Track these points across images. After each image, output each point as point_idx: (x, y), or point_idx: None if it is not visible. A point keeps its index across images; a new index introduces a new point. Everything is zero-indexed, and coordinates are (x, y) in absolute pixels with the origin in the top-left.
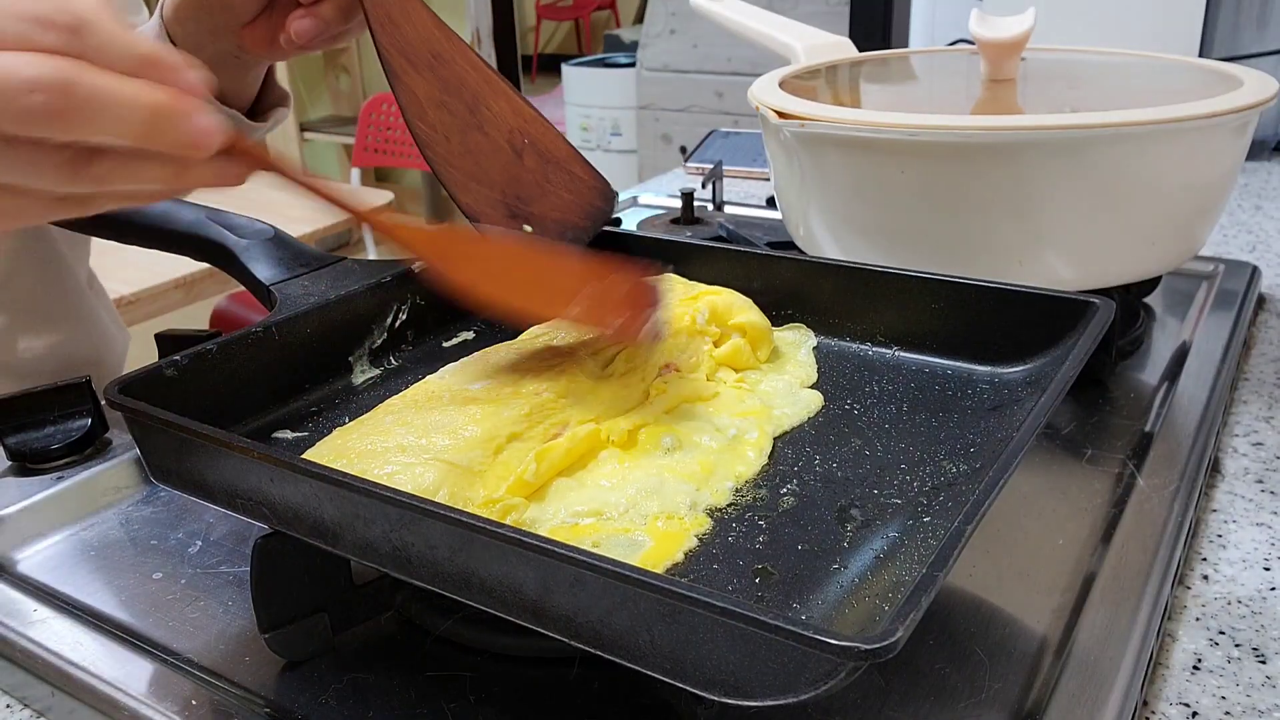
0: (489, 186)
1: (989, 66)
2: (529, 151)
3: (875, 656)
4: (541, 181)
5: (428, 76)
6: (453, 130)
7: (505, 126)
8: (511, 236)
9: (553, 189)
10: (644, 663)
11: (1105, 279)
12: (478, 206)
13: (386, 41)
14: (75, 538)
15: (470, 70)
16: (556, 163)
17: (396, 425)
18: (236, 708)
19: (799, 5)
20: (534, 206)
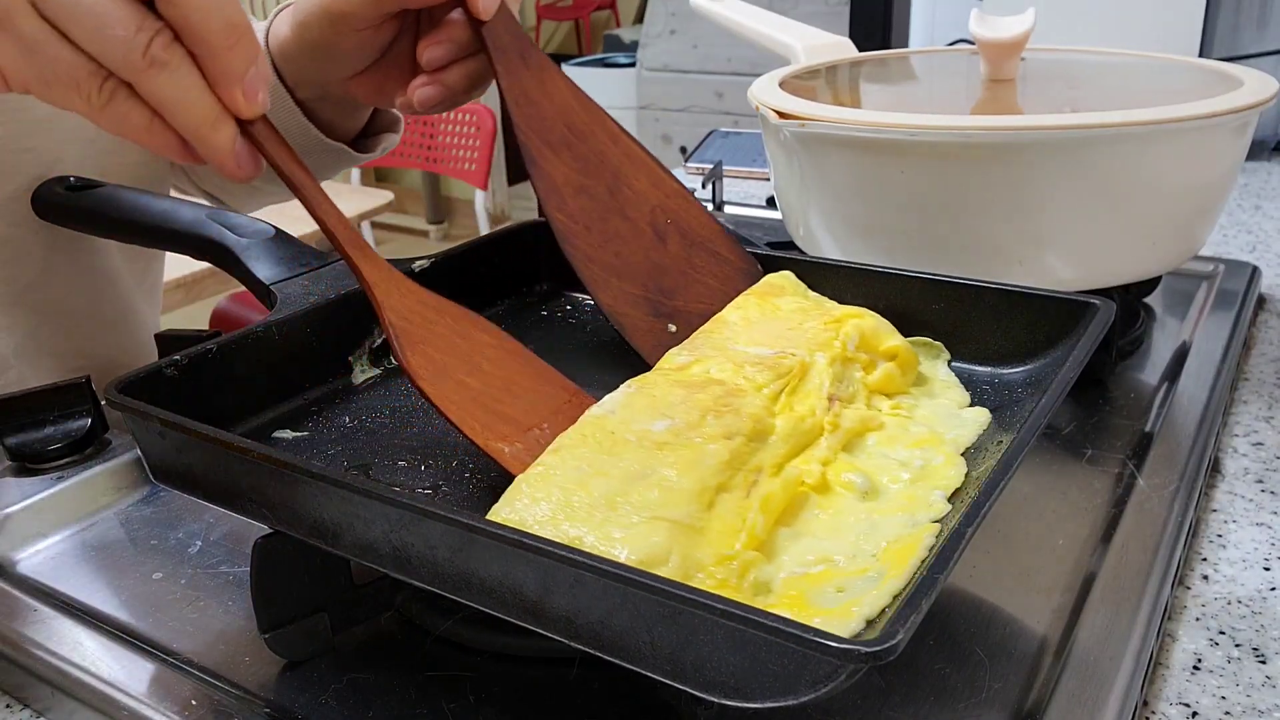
0: (631, 281)
1: (989, 66)
2: (672, 233)
3: (876, 659)
4: (686, 269)
5: (566, 158)
6: (593, 218)
7: (646, 206)
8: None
9: (698, 276)
10: (644, 664)
11: (1105, 279)
12: (619, 306)
13: (523, 123)
14: (75, 538)
15: (609, 143)
16: (701, 244)
17: (592, 475)
18: (236, 708)
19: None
20: (678, 299)
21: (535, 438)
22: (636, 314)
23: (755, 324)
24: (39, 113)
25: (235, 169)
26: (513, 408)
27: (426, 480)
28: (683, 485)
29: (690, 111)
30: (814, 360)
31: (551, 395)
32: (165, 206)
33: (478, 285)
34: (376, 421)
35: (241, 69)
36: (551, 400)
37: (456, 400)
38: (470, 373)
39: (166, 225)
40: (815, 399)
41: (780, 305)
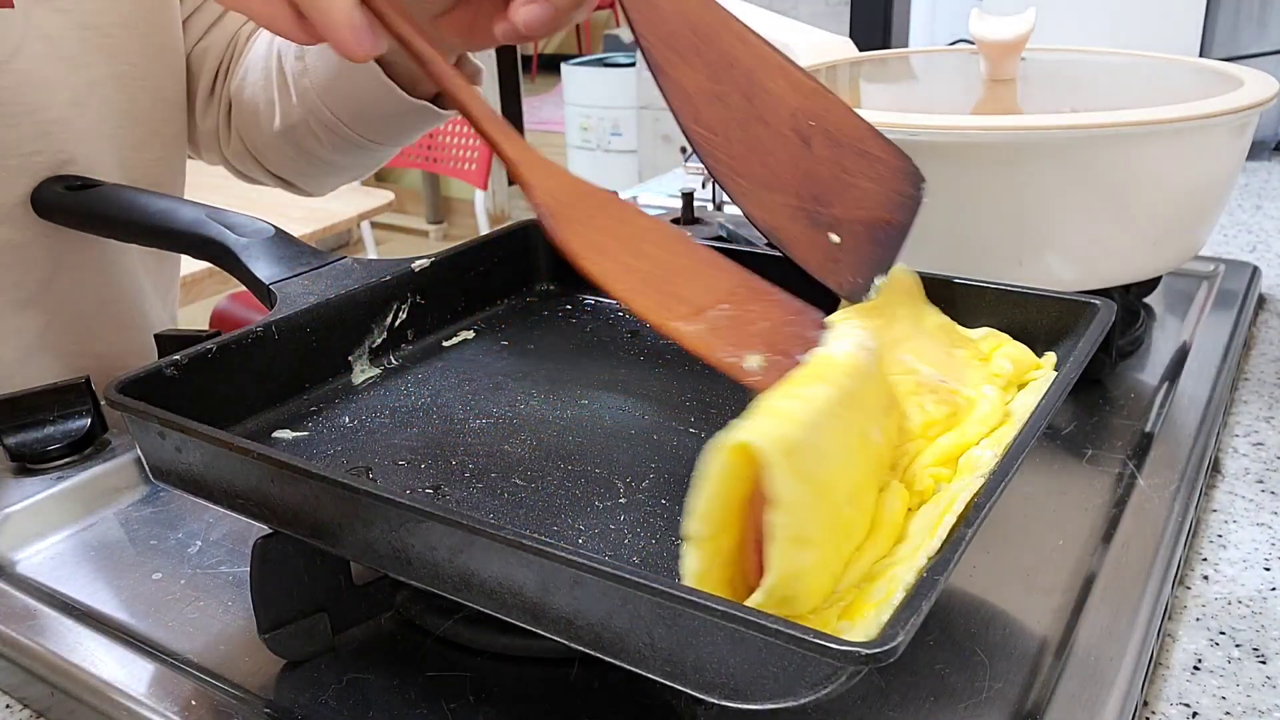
0: (782, 192)
1: (989, 66)
2: (818, 137)
3: (876, 661)
4: (839, 173)
5: (696, 64)
6: (732, 127)
7: (787, 110)
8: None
9: (853, 180)
10: (643, 665)
11: (1105, 279)
12: (774, 220)
13: (646, 30)
14: (75, 538)
15: (738, 43)
16: (850, 145)
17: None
18: (236, 708)
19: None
20: (836, 207)
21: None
22: (795, 227)
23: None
24: (53, 114)
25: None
26: (688, 288)
27: (427, 480)
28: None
29: None
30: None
31: (726, 276)
32: (164, 206)
33: (478, 285)
34: (376, 421)
35: None
36: (727, 280)
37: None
38: (635, 255)
39: (166, 224)
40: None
41: (925, 313)
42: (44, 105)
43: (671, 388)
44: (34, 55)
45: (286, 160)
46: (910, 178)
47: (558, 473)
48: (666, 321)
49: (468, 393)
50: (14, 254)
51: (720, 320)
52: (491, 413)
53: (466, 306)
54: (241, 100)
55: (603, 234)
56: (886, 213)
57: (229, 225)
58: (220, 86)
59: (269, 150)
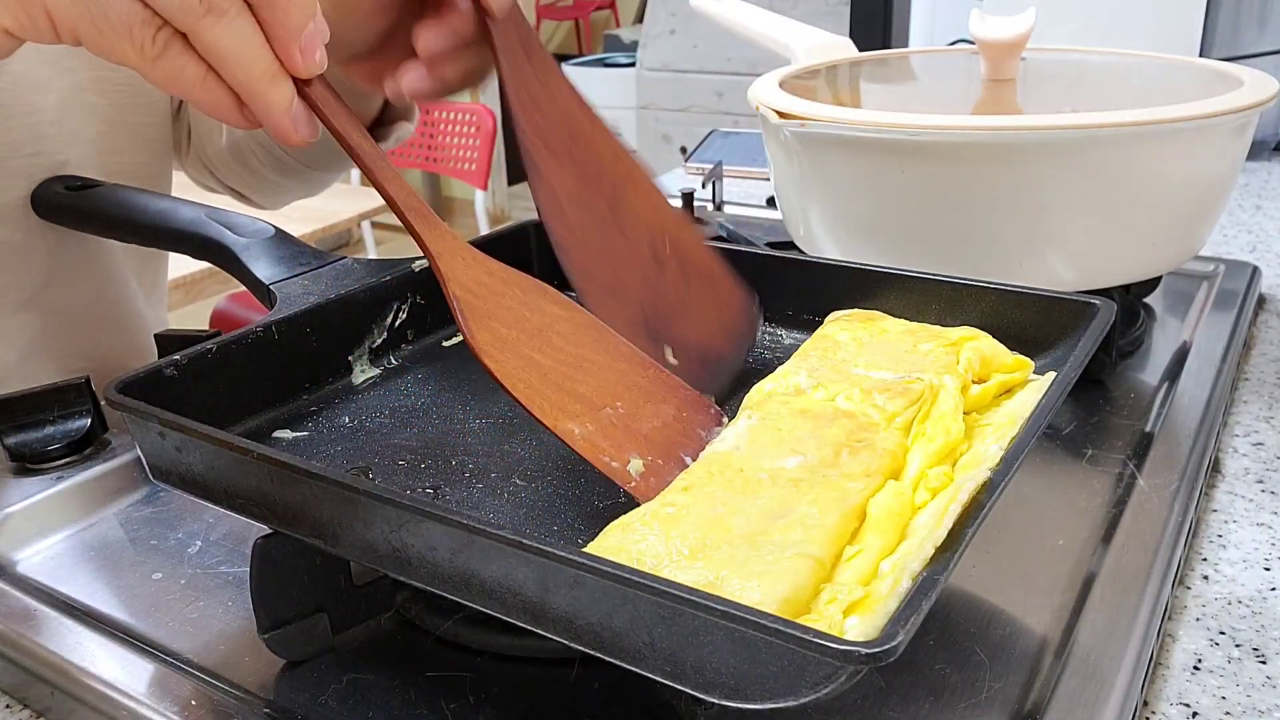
0: (627, 303)
1: (989, 66)
2: (670, 260)
3: (876, 660)
4: (684, 297)
5: (567, 166)
6: (591, 232)
7: (645, 228)
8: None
9: (695, 307)
10: (643, 665)
11: (1105, 279)
12: (615, 326)
13: (528, 127)
14: (75, 538)
15: (610, 158)
16: (698, 273)
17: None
18: (236, 708)
19: (799, 5)
20: (675, 327)
21: (608, 417)
22: (633, 335)
23: (867, 345)
24: (47, 115)
25: (291, 130)
26: (585, 385)
27: (427, 480)
28: (826, 523)
29: (690, 111)
30: (943, 384)
31: (626, 371)
32: (164, 206)
33: None
34: (376, 421)
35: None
36: (626, 376)
37: (524, 378)
38: (540, 348)
39: (166, 225)
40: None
41: (886, 327)
42: (38, 107)
43: None
44: (24, 58)
45: (235, 175)
46: (747, 316)
47: (558, 473)
48: (557, 423)
49: (468, 393)
50: (12, 255)
51: (611, 420)
52: (491, 412)
53: None
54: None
55: (512, 327)
56: (721, 344)
57: (229, 225)
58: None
59: (220, 164)
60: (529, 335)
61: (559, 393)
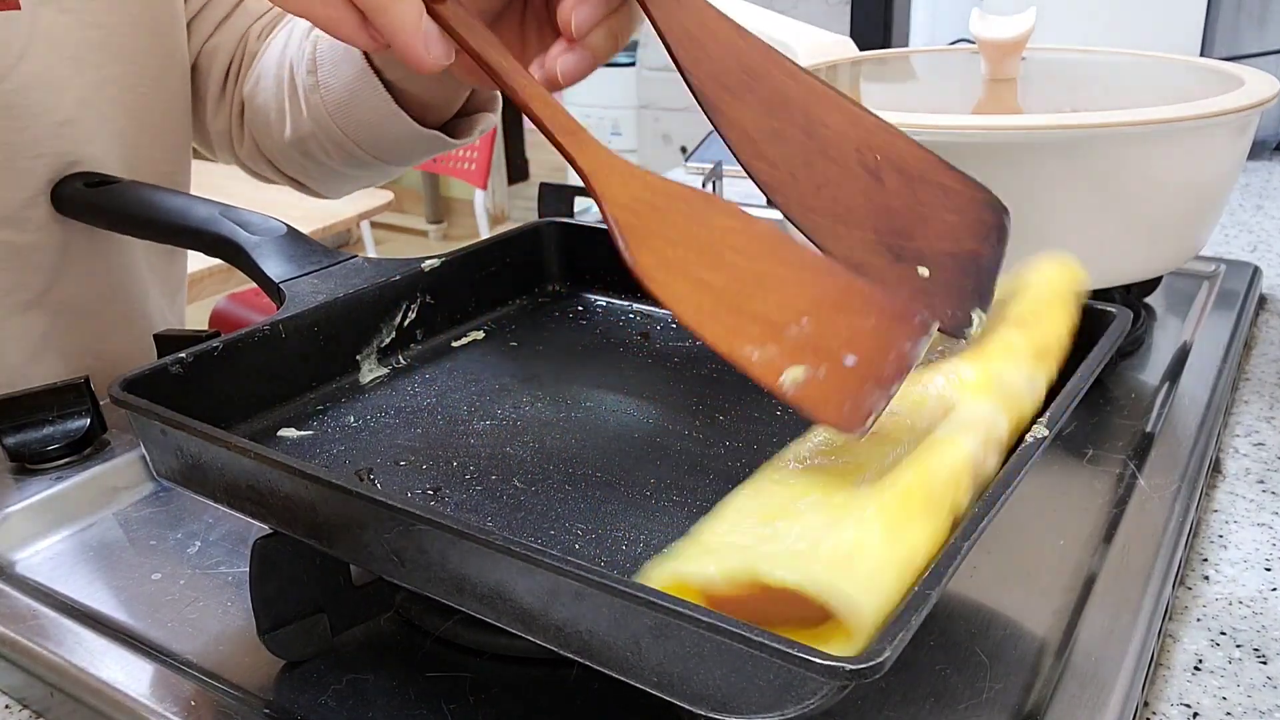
0: (859, 227)
1: (989, 66)
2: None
3: (861, 676)
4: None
5: (749, 101)
6: (797, 163)
7: (850, 144)
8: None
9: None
10: (632, 675)
11: (1106, 279)
12: (857, 256)
13: (694, 68)
14: (74, 538)
15: (789, 80)
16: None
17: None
18: (236, 708)
19: (799, 5)
20: (917, 240)
21: (793, 336)
22: (879, 262)
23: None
24: (61, 115)
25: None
26: (765, 303)
27: (427, 481)
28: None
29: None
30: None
31: (812, 283)
32: (179, 203)
33: (489, 285)
34: (381, 421)
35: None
36: (812, 288)
37: (694, 301)
38: (712, 266)
39: (180, 221)
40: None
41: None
42: (53, 107)
43: (678, 391)
44: (41, 57)
45: (298, 166)
46: (991, 207)
47: (559, 475)
48: (733, 349)
49: (474, 394)
50: (21, 255)
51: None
52: (496, 414)
53: (476, 307)
54: (254, 104)
55: (678, 245)
56: (973, 244)
57: (241, 223)
58: (231, 87)
59: (280, 155)
60: (698, 253)
61: (735, 314)
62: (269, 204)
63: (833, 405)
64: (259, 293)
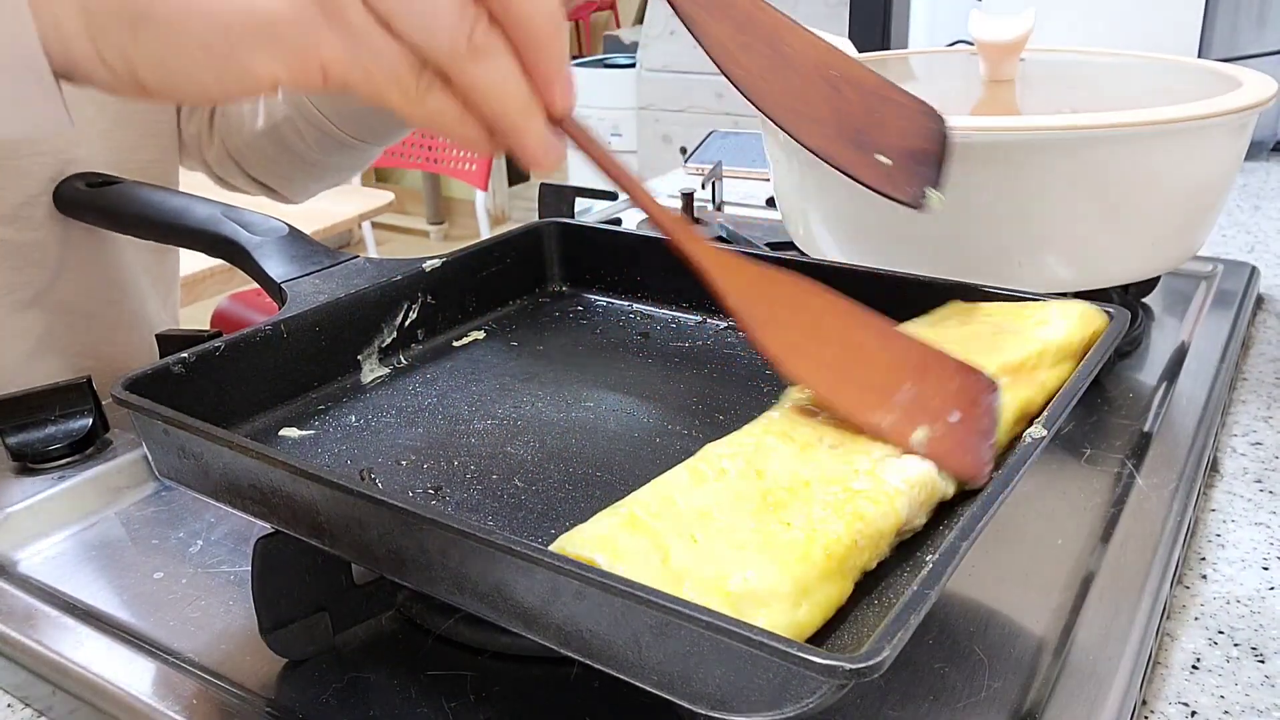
0: (825, 124)
1: (988, 67)
2: (844, 84)
3: (860, 676)
4: (870, 110)
5: (722, 19)
6: (766, 70)
7: (810, 61)
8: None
9: (884, 117)
10: (632, 673)
11: (1104, 279)
12: (829, 146)
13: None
14: (76, 537)
15: (756, 9)
16: (873, 91)
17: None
18: (237, 707)
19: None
20: (875, 135)
21: (903, 401)
22: (847, 151)
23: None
24: None
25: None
26: (871, 373)
27: (428, 480)
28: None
29: (690, 112)
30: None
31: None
32: (181, 203)
33: (490, 285)
34: (382, 421)
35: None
36: (902, 357)
37: (823, 378)
38: (820, 342)
39: (181, 222)
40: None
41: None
42: None
43: (678, 390)
44: None
45: (268, 161)
46: (932, 116)
47: (558, 475)
48: (867, 419)
49: (474, 393)
50: (20, 253)
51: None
52: (497, 414)
53: (477, 307)
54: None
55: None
56: (922, 142)
57: (243, 223)
58: None
59: (250, 152)
60: (809, 333)
61: (854, 386)
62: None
63: (955, 458)
64: (261, 293)
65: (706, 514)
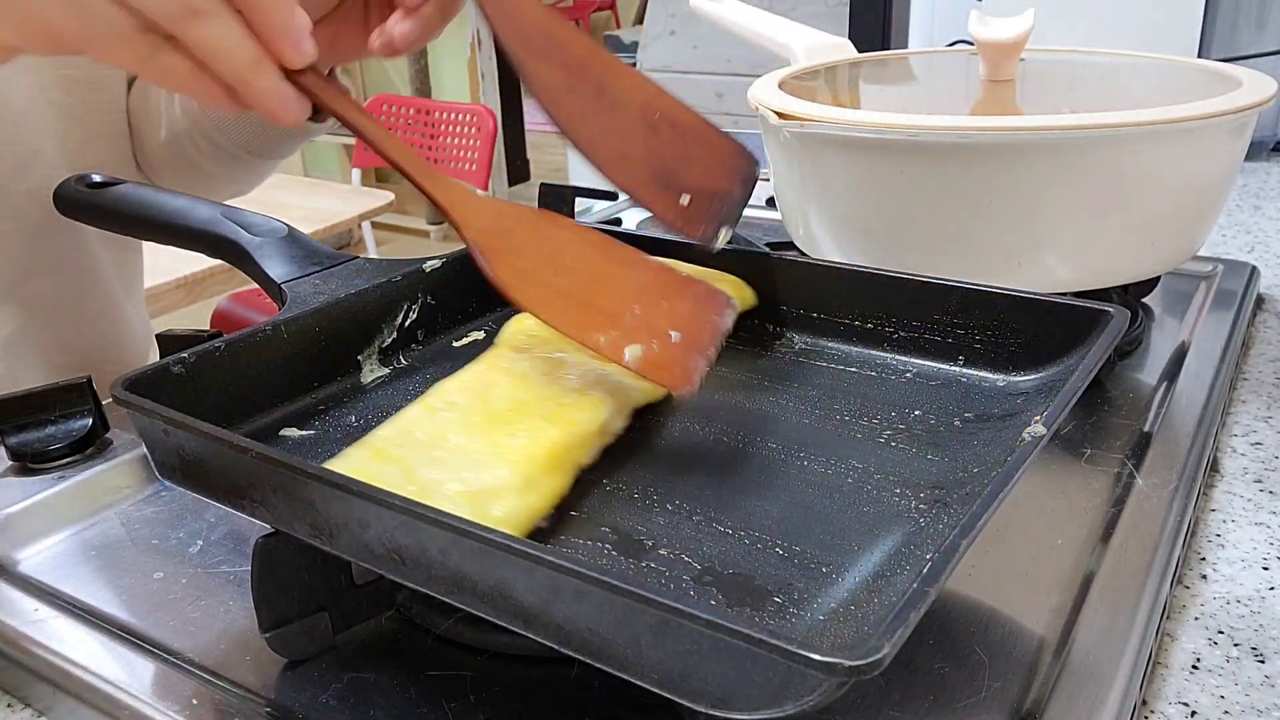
0: (635, 163)
1: (988, 67)
2: (663, 126)
3: (860, 673)
4: (683, 151)
5: (552, 64)
6: (588, 112)
7: (634, 104)
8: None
9: (695, 157)
10: (633, 672)
11: (1104, 279)
12: (633, 185)
13: (507, 35)
14: (76, 537)
15: (588, 53)
16: (691, 132)
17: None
18: (237, 707)
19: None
20: (683, 176)
21: (628, 322)
22: (651, 190)
23: None
24: (18, 107)
25: (282, 111)
26: (602, 297)
27: None
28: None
29: None
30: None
31: (638, 277)
32: (181, 204)
33: (489, 286)
34: (382, 421)
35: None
36: (639, 281)
37: (548, 302)
38: (556, 272)
39: (181, 223)
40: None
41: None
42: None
43: None
44: None
45: (171, 172)
46: (745, 158)
47: None
48: (585, 337)
49: None
50: None
51: (632, 324)
52: None
53: (477, 307)
54: (135, 111)
55: (528, 259)
56: (726, 184)
57: (243, 224)
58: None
59: (156, 162)
60: (544, 263)
61: (581, 309)
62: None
63: (666, 372)
64: (261, 293)
65: (443, 438)
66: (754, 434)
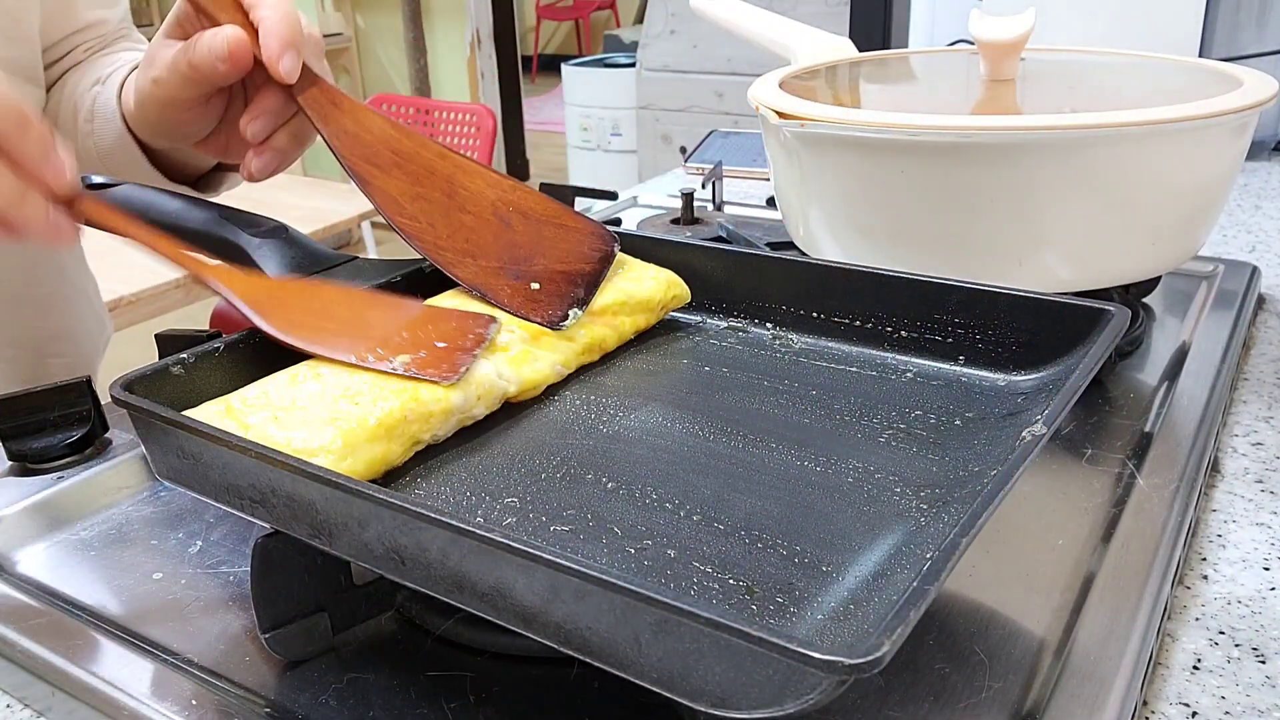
0: (486, 258)
1: (989, 67)
2: (516, 218)
3: (860, 671)
4: (536, 240)
5: (397, 175)
6: (436, 216)
7: (487, 201)
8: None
9: (550, 244)
10: (632, 671)
11: (1105, 279)
12: (479, 279)
13: (348, 154)
14: (75, 538)
15: (437, 159)
16: (545, 221)
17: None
18: (237, 707)
19: (799, 5)
20: (536, 264)
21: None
22: (498, 282)
23: None
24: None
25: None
26: (373, 330)
27: None
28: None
29: (690, 111)
30: None
31: (408, 313)
32: (179, 205)
33: None
34: None
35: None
36: (408, 316)
37: (319, 340)
38: (327, 319)
39: (181, 223)
40: None
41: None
42: None
43: (678, 391)
44: None
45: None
46: (602, 238)
47: (559, 474)
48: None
49: None
50: None
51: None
52: (495, 414)
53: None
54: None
55: (298, 311)
56: (580, 264)
57: (243, 225)
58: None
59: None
60: (313, 314)
61: (351, 340)
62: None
63: (433, 369)
64: None
65: (294, 403)
66: (754, 434)
